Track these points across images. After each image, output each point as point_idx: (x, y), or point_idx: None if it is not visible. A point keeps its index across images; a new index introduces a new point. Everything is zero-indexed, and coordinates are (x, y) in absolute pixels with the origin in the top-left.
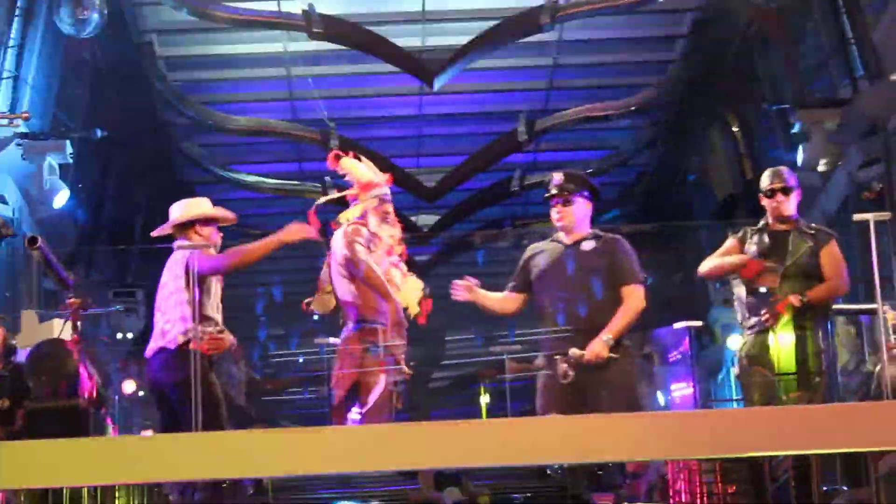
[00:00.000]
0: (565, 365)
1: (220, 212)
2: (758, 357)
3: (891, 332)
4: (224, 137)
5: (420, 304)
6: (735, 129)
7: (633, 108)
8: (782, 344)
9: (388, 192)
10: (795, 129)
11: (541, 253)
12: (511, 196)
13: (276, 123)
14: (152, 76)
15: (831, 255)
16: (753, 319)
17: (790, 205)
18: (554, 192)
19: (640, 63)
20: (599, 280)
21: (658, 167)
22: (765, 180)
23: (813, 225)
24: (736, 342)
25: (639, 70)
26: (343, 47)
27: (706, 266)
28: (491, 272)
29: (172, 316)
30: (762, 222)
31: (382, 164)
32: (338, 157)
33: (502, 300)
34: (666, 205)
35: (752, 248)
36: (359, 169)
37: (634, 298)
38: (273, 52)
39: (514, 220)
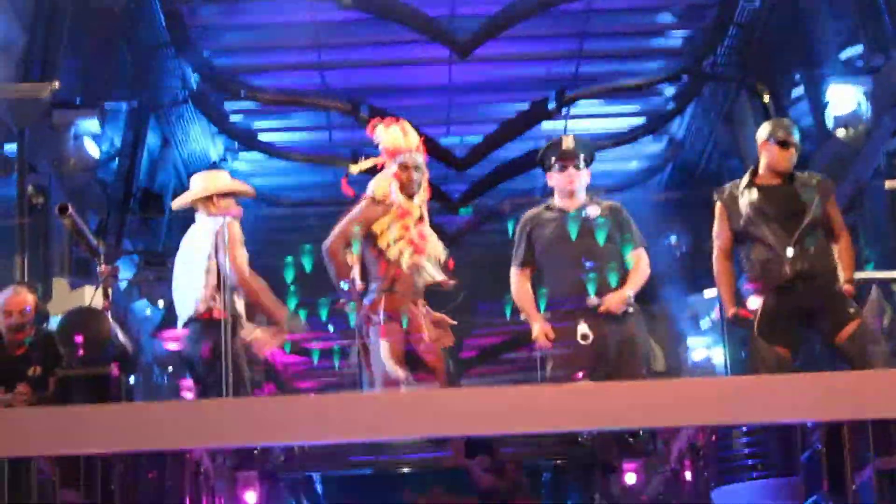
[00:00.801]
0: (585, 327)
1: (239, 185)
2: (775, 333)
3: None
4: (253, 106)
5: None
6: (765, 98)
7: (662, 78)
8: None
9: (417, 159)
10: (826, 99)
11: (544, 223)
12: (537, 166)
13: (305, 93)
14: (182, 46)
15: (836, 209)
16: (763, 278)
17: (792, 158)
18: (569, 155)
19: (670, 32)
20: (609, 244)
21: (688, 136)
22: (774, 130)
23: (808, 172)
24: (756, 302)
25: (669, 39)
26: (372, 16)
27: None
28: None
29: (199, 285)
30: (747, 177)
31: None
32: (374, 126)
33: (526, 286)
34: (696, 174)
35: (746, 207)
36: (387, 135)
37: (644, 261)
38: (303, 21)
39: (544, 190)
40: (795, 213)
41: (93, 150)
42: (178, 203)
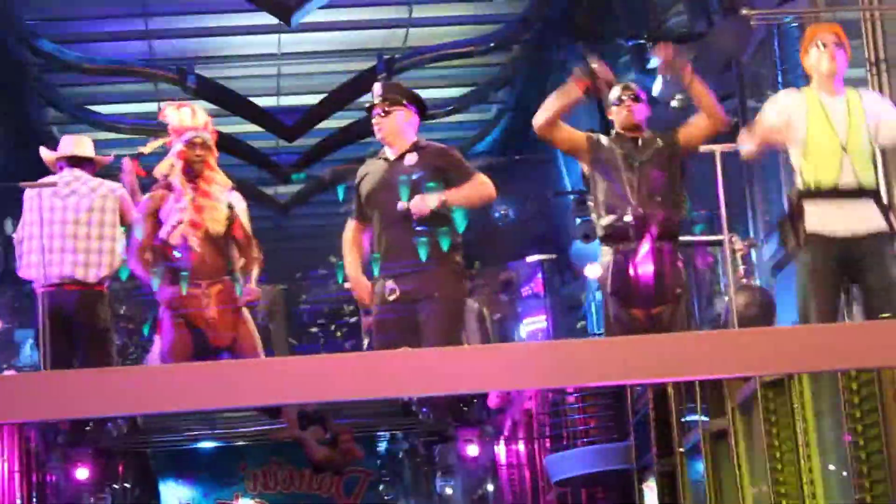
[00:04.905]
0: (391, 282)
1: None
2: (622, 288)
3: (739, 261)
4: (80, 77)
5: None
6: (593, 65)
7: (492, 45)
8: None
9: (204, 136)
10: (651, 65)
11: (367, 174)
12: (371, 134)
13: (132, 63)
14: (4, 14)
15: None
16: (611, 218)
17: (640, 111)
18: (376, 101)
19: None
20: (425, 192)
21: (517, 104)
22: (615, 92)
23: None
24: (595, 271)
25: (498, 6)
26: None
27: (542, 116)
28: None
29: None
30: (613, 134)
31: (240, 104)
32: (164, 110)
33: (356, 244)
34: (524, 141)
35: (611, 150)
36: (175, 115)
37: (483, 184)
38: None
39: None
40: (648, 156)
41: None
42: (45, 156)
